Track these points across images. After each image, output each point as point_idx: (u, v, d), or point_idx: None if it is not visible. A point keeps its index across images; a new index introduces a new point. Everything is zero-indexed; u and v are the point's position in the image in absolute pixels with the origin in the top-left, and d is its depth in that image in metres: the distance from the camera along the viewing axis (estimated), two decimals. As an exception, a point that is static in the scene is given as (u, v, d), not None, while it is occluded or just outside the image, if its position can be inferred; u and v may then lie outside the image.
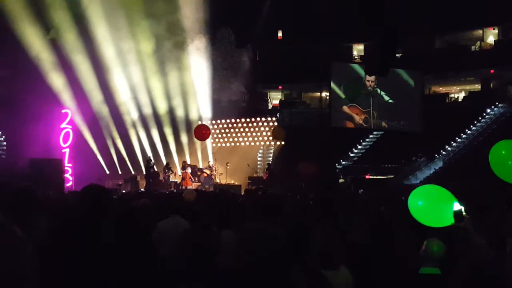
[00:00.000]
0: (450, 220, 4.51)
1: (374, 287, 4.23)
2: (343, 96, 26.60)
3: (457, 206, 4.48)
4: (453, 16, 27.22)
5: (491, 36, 31.63)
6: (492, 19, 28.93)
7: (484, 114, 27.84)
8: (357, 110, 26.63)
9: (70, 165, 22.62)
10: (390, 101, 27.03)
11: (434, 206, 4.72)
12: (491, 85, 31.41)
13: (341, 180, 23.47)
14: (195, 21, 24.10)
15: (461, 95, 33.27)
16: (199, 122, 26.45)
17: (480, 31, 31.52)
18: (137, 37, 23.74)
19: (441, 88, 34.02)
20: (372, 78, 26.31)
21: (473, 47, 31.39)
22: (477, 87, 32.57)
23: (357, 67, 27.84)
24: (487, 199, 6.05)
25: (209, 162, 24.98)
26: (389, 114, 27.00)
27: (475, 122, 27.51)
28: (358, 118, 26.59)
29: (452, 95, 33.43)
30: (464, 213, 4.80)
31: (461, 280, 4.09)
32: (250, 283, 4.26)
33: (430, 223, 4.77)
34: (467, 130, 27.15)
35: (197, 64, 25.13)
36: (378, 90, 26.84)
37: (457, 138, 26.75)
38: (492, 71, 30.21)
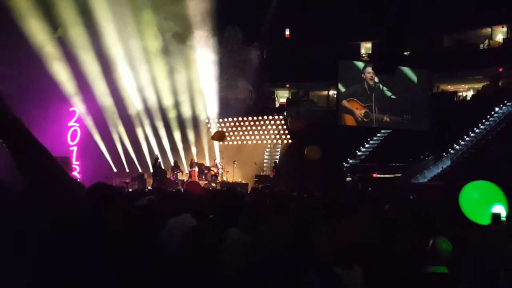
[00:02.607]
0: (487, 220, 4.42)
1: (380, 286, 4.21)
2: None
3: (497, 209, 4.37)
4: (461, 15, 27.09)
5: (499, 34, 31.48)
6: (500, 17, 28.81)
7: (493, 112, 27.70)
8: (357, 104, 26.58)
9: (77, 163, 22.72)
10: (393, 96, 26.95)
11: (486, 203, 4.62)
12: (500, 84, 31.24)
13: (348, 179, 23.45)
14: (202, 19, 24.10)
15: (470, 94, 33.12)
16: (206, 121, 26.48)
17: (489, 29, 31.38)
18: (144, 35, 23.77)
19: (449, 87, 33.89)
20: (372, 70, 26.34)
21: (481, 46, 31.27)
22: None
23: (357, 62, 27.77)
24: None
25: (214, 160, 25.01)
26: (391, 109, 26.90)
27: (484, 120, 27.37)
28: (358, 113, 26.52)
29: (461, 94, 33.30)
30: (503, 218, 4.70)
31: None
32: (260, 281, 4.26)
33: (473, 218, 4.67)
34: (475, 128, 27.02)
35: (204, 62, 25.14)
36: (381, 86, 26.77)
37: (465, 136, 26.63)
38: (500, 69, 30.09)
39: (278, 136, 26.82)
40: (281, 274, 4.06)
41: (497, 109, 27.76)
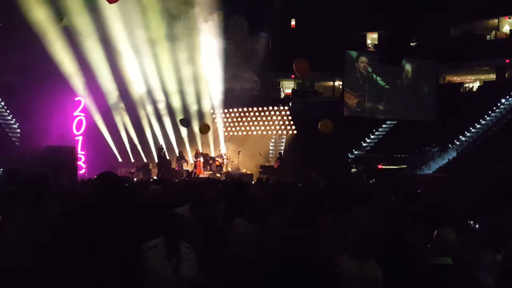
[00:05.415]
0: None
1: (388, 277, 4.22)
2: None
3: None
4: (468, 5, 26.89)
5: (506, 26, 31.26)
6: (507, 8, 28.56)
7: (499, 104, 27.51)
8: (349, 94, 26.42)
9: (83, 152, 22.76)
10: (386, 86, 26.80)
11: None
12: (506, 75, 31.05)
13: (353, 170, 23.41)
14: (208, 9, 24.03)
15: (476, 85, 32.95)
16: (211, 111, 26.46)
17: (496, 20, 31.16)
18: (150, 24, 23.70)
19: (455, 78, 33.71)
20: (365, 59, 26.19)
21: (488, 37, 31.04)
22: (492, 76, 32.22)
23: (351, 52, 27.54)
24: None
25: (220, 150, 24.99)
26: (384, 99, 26.72)
27: (490, 112, 27.18)
28: (351, 102, 26.36)
29: (467, 85, 33.11)
30: None
31: None
32: (266, 270, 4.27)
33: None
34: (481, 120, 26.85)
35: (210, 52, 25.06)
36: (374, 75, 26.61)
37: (471, 128, 26.50)
38: (507, 60, 29.88)
39: (283, 127, 26.80)
40: (286, 265, 4.07)
41: (503, 100, 27.59)
